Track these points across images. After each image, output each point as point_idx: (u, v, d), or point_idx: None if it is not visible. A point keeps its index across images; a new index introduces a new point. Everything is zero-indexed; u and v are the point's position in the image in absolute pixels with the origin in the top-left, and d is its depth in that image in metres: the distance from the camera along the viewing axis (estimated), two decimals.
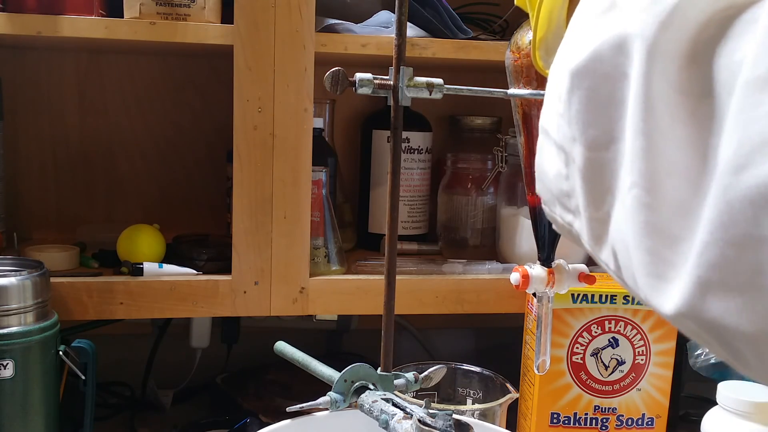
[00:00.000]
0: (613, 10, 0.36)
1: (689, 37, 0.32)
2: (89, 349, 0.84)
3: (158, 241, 0.96)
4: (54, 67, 1.11)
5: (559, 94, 0.38)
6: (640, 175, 0.33)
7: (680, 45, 0.32)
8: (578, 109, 0.37)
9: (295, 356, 0.74)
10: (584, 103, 0.37)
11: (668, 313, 0.32)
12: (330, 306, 0.94)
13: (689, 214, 0.31)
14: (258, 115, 0.88)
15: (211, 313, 0.91)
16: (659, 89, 0.33)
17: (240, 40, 0.87)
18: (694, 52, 0.32)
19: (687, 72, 0.32)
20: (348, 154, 1.20)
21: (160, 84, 1.14)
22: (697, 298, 0.30)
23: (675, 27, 0.32)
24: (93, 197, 1.14)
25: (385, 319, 0.68)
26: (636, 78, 0.33)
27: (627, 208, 0.34)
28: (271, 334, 1.11)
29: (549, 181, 0.41)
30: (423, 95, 0.65)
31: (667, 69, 0.32)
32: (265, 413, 1.03)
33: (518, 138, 0.71)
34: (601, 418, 0.90)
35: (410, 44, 0.90)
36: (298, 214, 0.91)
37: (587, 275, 0.71)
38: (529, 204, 0.72)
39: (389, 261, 0.67)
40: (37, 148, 1.12)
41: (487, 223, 1.08)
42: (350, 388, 0.66)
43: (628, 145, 0.34)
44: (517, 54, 0.68)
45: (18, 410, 0.78)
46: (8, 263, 0.82)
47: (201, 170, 1.17)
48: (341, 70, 0.63)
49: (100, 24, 0.86)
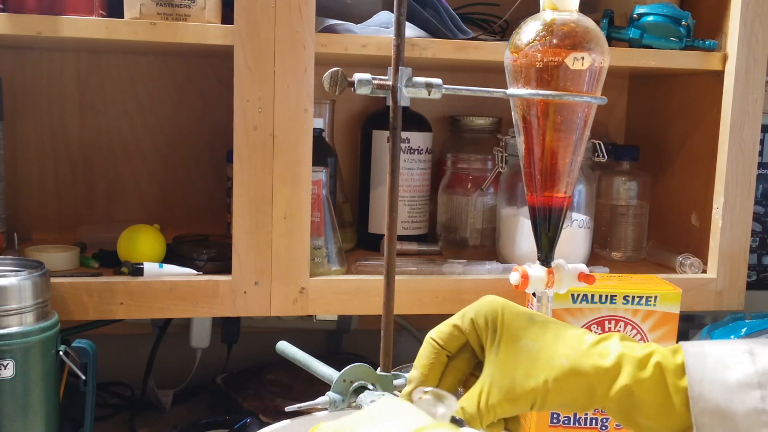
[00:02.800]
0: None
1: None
2: (89, 349, 0.84)
3: (158, 242, 0.96)
4: (54, 68, 1.11)
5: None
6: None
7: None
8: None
9: (297, 356, 0.74)
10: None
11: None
12: (330, 306, 0.94)
13: None
14: (258, 115, 0.89)
15: (211, 313, 0.91)
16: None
17: (240, 41, 0.87)
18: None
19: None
20: (348, 154, 1.20)
21: (160, 84, 1.14)
22: None
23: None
24: (93, 197, 1.14)
25: (384, 319, 0.68)
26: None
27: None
28: (271, 334, 1.11)
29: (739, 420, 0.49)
30: (422, 95, 0.65)
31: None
32: (265, 413, 1.03)
33: (518, 138, 0.71)
34: (601, 418, 0.90)
35: (410, 44, 0.90)
36: (298, 214, 0.91)
37: (587, 275, 0.71)
38: (529, 204, 0.72)
39: (389, 261, 0.67)
40: (38, 149, 1.12)
41: (487, 223, 1.08)
42: (349, 388, 0.66)
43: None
44: (516, 54, 0.68)
45: (18, 410, 0.78)
46: (8, 263, 0.82)
47: (201, 170, 1.17)
48: (340, 71, 0.64)
49: (101, 24, 0.86)
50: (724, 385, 0.51)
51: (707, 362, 0.52)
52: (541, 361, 0.56)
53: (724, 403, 0.50)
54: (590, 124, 0.69)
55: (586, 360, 0.55)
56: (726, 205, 1.01)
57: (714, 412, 0.50)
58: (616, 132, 1.28)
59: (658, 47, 1.00)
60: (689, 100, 1.10)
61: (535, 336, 0.58)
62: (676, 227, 1.14)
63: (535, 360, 0.56)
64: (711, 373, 0.51)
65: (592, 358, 0.55)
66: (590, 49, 0.66)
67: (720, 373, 0.51)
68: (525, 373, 0.56)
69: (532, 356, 0.57)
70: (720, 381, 0.51)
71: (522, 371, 0.56)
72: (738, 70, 0.98)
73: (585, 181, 1.04)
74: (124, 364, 1.17)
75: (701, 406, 0.51)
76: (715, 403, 0.51)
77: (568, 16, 0.67)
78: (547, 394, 0.55)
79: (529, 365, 0.56)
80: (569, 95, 0.66)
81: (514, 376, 0.57)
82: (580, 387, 0.55)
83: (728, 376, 0.51)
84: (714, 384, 0.51)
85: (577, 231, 1.03)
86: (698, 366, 0.52)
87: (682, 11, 1.01)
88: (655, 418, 0.53)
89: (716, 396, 0.51)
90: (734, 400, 0.50)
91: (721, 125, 1.01)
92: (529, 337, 0.58)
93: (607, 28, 1.01)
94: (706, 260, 1.04)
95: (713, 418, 0.50)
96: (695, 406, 0.51)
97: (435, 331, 0.62)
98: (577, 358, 0.55)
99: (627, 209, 1.12)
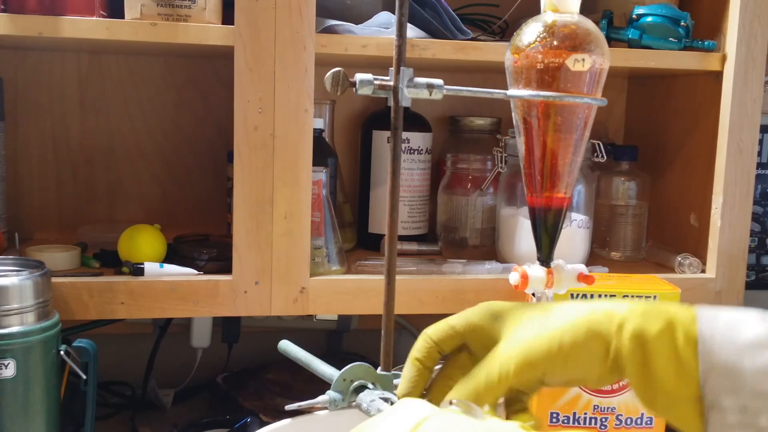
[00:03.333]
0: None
1: None
2: (90, 348, 0.84)
3: (159, 241, 0.97)
4: (55, 68, 1.11)
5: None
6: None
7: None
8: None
9: (298, 355, 0.74)
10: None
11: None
12: (330, 306, 0.94)
13: None
14: (258, 115, 0.89)
15: (211, 312, 0.91)
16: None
17: (241, 41, 0.87)
18: None
19: None
20: (348, 155, 1.20)
21: (161, 85, 1.14)
22: None
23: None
24: (94, 197, 1.15)
25: (385, 319, 0.68)
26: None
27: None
28: (272, 333, 1.12)
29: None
30: (423, 96, 0.65)
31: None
32: (265, 413, 1.03)
33: (518, 138, 0.71)
34: (601, 417, 0.91)
35: (410, 45, 0.90)
36: (299, 214, 0.91)
37: (586, 275, 0.72)
38: (529, 204, 0.72)
39: (389, 261, 0.67)
40: (39, 149, 1.12)
41: (487, 223, 1.09)
42: (349, 387, 0.66)
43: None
44: (517, 55, 0.68)
45: (19, 410, 0.78)
46: (9, 263, 0.82)
47: (202, 171, 1.17)
48: (342, 71, 0.64)
49: (102, 25, 0.86)
50: (735, 343, 0.50)
51: (719, 321, 0.51)
52: (553, 324, 0.55)
53: (733, 361, 0.50)
54: (590, 125, 0.70)
55: (597, 316, 0.54)
56: (725, 205, 1.01)
57: (722, 369, 0.50)
58: (615, 132, 1.28)
59: (657, 48, 1.00)
60: (688, 100, 1.11)
61: (543, 309, 0.57)
62: (675, 227, 1.14)
63: (546, 325, 0.55)
64: (722, 331, 0.51)
65: (602, 314, 0.54)
66: (591, 50, 0.66)
67: (731, 331, 0.51)
68: (538, 336, 0.55)
69: (543, 323, 0.55)
70: (730, 339, 0.50)
71: (535, 336, 0.55)
72: (737, 70, 0.99)
73: (584, 181, 1.04)
74: (124, 363, 1.17)
75: (709, 362, 0.50)
76: (723, 359, 0.50)
77: (569, 17, 0.68)
78: (565, 355, 0.54)
79: (541, 329, 0.55)
80: (570, 96, 0.67)
81: (528, 341, 0.55)
82: (594, 342, 0.53)
83: (739, 335, 0.50)
84: (724, 341, 0.50)
85: (577, 231, 1.03)
86: (709, 324, 0.51)
87: (681, 12, 1.01)
88: (667, 375, 0.52)
89: (726, 353, 0.50)
90: (744, 358, 0.49)
91: (719, 125, 1.01)
92: (536, 311, 0.57)
93: (606, 29, 1.02)
94: (705, 260, 1.04)
95: (720, 375, 0.50)
96: (703, 362, 0.50)
97: (431, 328, 0.61)
98: (589, 315, 0.54)
99: (626, 209, 1.12)
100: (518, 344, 0.55)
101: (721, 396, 0.50)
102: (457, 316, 0.60)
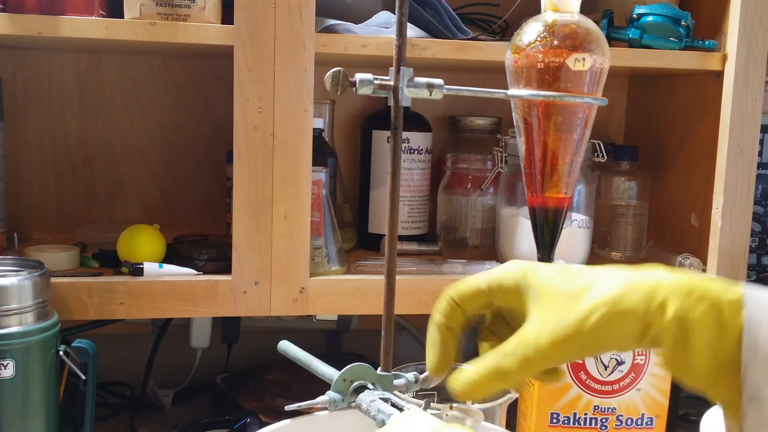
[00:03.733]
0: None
1: None
2: (89, 349, 0.84)
3: (158, 241, 0.96)
4: (54, 68, 1.11)
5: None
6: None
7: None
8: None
9: (298, 355, 0.74)
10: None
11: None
12: (330, 306, 0.94)
13: None
14: (258, 115, 0.89)
15: (211, 313, 0.91)
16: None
17: (240, 41, 0.87)
18: None
19: None
20: (348, 154, 1.20)
21: (160, 84, 1.14)
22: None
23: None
24: (93, 197, 1.14)
25: (385, 319, 0.68)
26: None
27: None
28: (271, 334, 1.12)
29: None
30: (423, 96, 0.65)
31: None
32: (265, 413, 1.03)
33: (518, 138, 0.71)
34: (601, 418, 0.91)
35: (410, 45, 0.90)
36: (298, 214, 0.91)
37: None
38: (529, 204, 0.72)
39: (389, 261, 0.67)
40: (38, 149, 1.12)
41: (487, 223, 1.08)
42: (349, 388, 0.66)
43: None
44: (517, 55, 0.68)
45: (18, 410, 0.78)
46: (8, 263, 0.82)
47: (201, 170, 1.17)
48: (342, 71, 0.64)
49: (101, 24, 0.86)
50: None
51: (766, 306, 0.47)
52: (586, 305, 0.50)
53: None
54: (591, 125, 0.69)
55: (636, 294, 0.49)
56: (725, 205, 1.01)
57: (765, 358, 0.45)
58: (615, 132, 1.28)
59: (658, 47, 1.00)
60: (689, 100, 1.11)
61: (577, 281, 0.52)
62: (676, 227, 1.14)
63: (578, 307, 0.51)
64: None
65: (643, 291, 0.50)
66: (591, 50, 0.66)
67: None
68: (571, 323, 0.50)
69: (575, 302, 0.51)
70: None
71: (567, 323, 0.51)
72: (737, 70, 0.99)
73: (585, 181, 1.04)
74: (124, 363, 1.17)
75: (754, 350, 0.46)
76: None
77: (570, 17, 0.68)
78: (599, 338, 0.50)
79: (574, 313, 0.51)
80: (570, 96, 0.67)
81: (560, 330, 0.51)
82: (632, 322, 0.49)
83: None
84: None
85: (577, 231, 1.03)
86: (758, 309, 0.47)
87: (681, 11, 1.01)
88: (706, 362, 0.48)
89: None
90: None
91: (720, 125, 1.01)
92: (569, 284, 0.52)
93: (606, 29, 1.02)
94: (705, 260, 1.04)
95: (765, 365, 0.46)
96: (747, 349, 0.46)
97: (452, 286, 0.57)
98: (627, 290, 0.50)
99: (626, 209, 1.12)
100: (549, 331, 0.51)
101: (763, 387, 0.46)
102: (484, 274, 0.56)
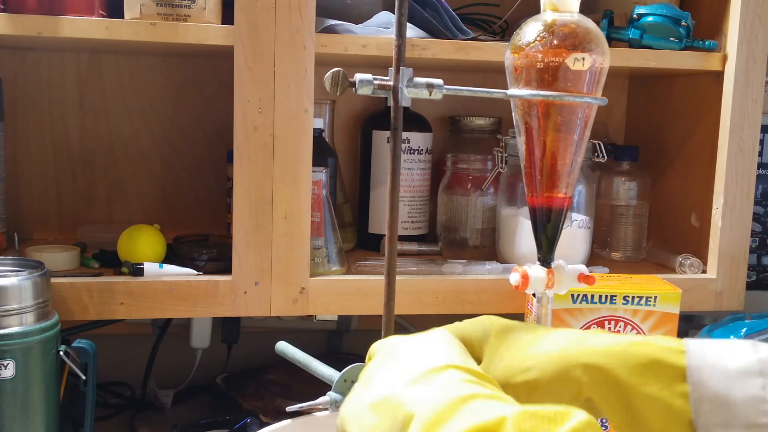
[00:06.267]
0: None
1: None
2: (90, 349, 0.84)
3: (159, 242, 0.96)
4: (55, 68, 1.11)
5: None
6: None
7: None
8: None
9: (296, 356, 0.74)
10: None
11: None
12: (330, 306, 0.94)
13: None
14: (258, 115, 0.89)
15: (211, 313, 0.91)
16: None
17: (240, 41, 0.87)
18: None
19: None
20: (348, 155, 1.20)
21: (160, 84, 1.14)
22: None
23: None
24: (93, 198, 1.14)
25: (385, 319, 0.68)
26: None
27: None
28: (271, 334, 1.12)
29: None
30: (423, 96, 0.65)
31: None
32: (265, 413, 1.03)
33: (518, 138, 0.71)
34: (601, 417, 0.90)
35: (410, 45, 0.90)
36: (298, 215, 0.91)
37: (586, 276, 0.71)
38: (529, 204, 0.72)
39: (389, 261, 0.67)
40: (38, 149, 1.12)
41: (487, 223, 1.08)
42: (350, 388, 0.66)
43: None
44: (516, 54, 0.68)
45: (18, 410, 0.78)
46: (9, 263, 0.82)
47: (201, 171, 1.17)
48: (341, 71, 0.64)
49: (101, 25, 0.86)
50: (725, 372, 0.49)
51: (707, 351, 0.51)
52: (526, 359, 0.55)
53: (724, 390, 0.49)
54: (591, 124, 0.69)
55: (568, 357, 0.54)
56: (726, 206, 1.01)
57: (713, 399, 0.49)
58: (615, 132, 1.28)
59: (658, 47, 1.00)
60: (689, 100, 1.10)
61: (528, 335, 0.58)
62: (676, 227, 1.14)
63: (520, 360, 0.56)
64: (711, 360, 0.50)
65: (584, 344, 0.54)
66: (591, 49, 0.66)
67: (720, 360, 0.50)
68: (517, 364, 0.56)
69: (519, 355, 0.56)
70: (720, 368, 0.49)
71: (515, 361, 0.56)
72: (738, 70, 0.99)
73: (585, 181, 1.04)
74: (124, 364, 1.17)
75: (700, 393, 0.49)
76: (714, 389, 0.49)
77: (569, 16, 0.67)
78: (537, 387, 0.54)
79: (517, 361, 0.56)
80: (570, 96, 0.66)
81: (507, 364, 0.56)
82: (563, 385, 0.54)
83: (729, 363, 0.50)
84: (714, 371, 0.49)
85: (577, 231, 1.03)
86: (698, 354, 0.50)
87: (681, 12, 1.01)
88: (655, 415, 0.51)
89: (715, 383, 0.49)
90: (734, 387, 0.49)
91: (720, 125, 1.01)
92: (519, 339, 0.58)
93: (606, 29, 1.02)
94: (705, 260, 1.04)
95: (712, 405, 0.49)
96: (694, 392, 0.49)
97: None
98: (568, 347, 0.54)
99: (627, 209, 1.12)
100: (497, 373, 0.56)
101: (713, 429, 0.49)
102: (454, 325, 0.62)
